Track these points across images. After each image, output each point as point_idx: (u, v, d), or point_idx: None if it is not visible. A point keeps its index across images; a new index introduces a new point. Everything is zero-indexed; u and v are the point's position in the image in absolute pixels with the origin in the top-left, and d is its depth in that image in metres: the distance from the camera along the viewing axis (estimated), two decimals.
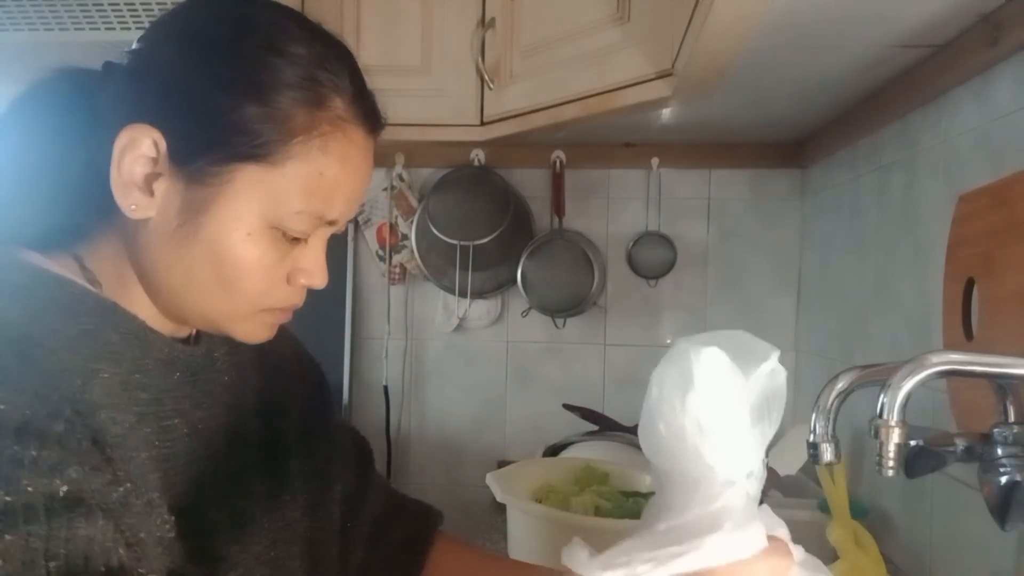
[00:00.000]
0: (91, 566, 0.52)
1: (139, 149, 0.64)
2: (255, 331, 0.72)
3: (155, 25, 0.68)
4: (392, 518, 0.96)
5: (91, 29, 1.59)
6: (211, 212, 0.65)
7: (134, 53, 0.67)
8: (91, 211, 0.68)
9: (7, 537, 0.49)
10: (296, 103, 0.65)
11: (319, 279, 0.71)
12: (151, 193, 0.65)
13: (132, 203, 0.65)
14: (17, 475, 0.51)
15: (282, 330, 0.89)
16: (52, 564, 0.50)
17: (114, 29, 1.58)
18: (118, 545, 0.55)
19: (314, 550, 0.83)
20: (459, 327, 1.98)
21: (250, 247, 0.66)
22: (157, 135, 0.64)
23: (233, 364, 0.79)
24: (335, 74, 0.68)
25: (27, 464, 0.51)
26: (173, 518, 0.62)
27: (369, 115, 0.71)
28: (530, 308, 1.91)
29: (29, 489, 0.51)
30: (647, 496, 1.19)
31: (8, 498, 0.50)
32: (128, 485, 0.58)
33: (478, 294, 1.94)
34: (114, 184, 0.65)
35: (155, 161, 0.65)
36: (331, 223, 0.69)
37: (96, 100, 0.67)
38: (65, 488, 0.53)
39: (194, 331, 0.76)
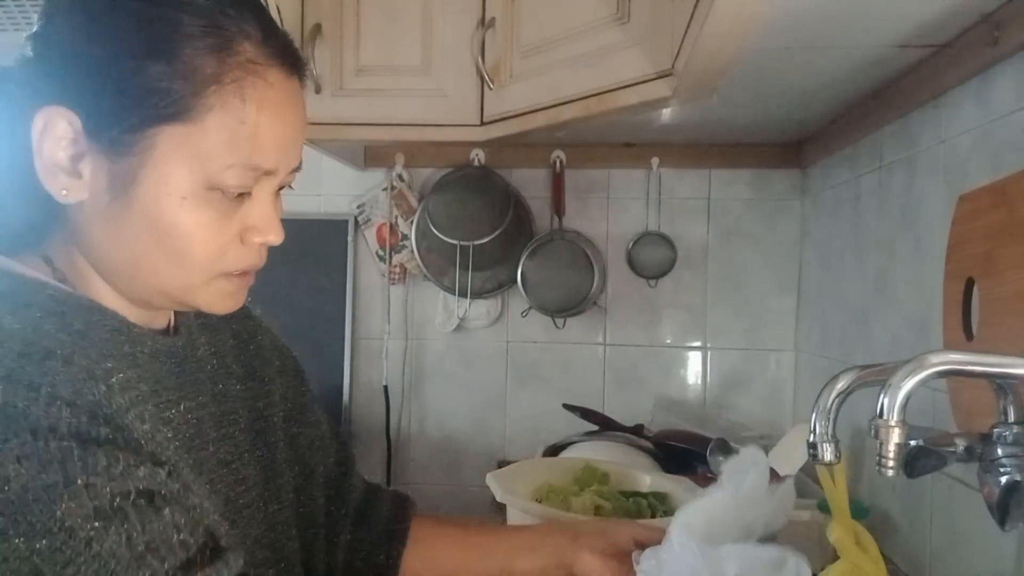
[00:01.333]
0: (190, 542, 0.57)
1: (55, 131, 0.62)
2: (217, 300, 0.69)
3: (47, 3, 0.66)
4: (373, 500, 0.97)
5: None
6: (139, 182, 0.63)
7: (33, 37, 0.65)
8: (38, 209, 0.67)
9: (110, 537, 0.53)
10: (201, 53, 0.62)
11: (273, 234, 0.69)
12: (79, 175, 0.64)
13: (62, 188, 0.64)
14: (94, 481, 0.53)
15: (258, 321, 0.89)
16: (155, 549, 0.54)
17: None
18: (198, 524, 0.59)
19: (303, 533, 0.84)
20: (459, 327, 1.98)
21: (187, 211, 0.64)
22: (69, 114, 0.62)
23: (214, 353, 0.79)
24: (238, 18, 0.64)
25: (100, 471, 0.54)
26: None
27: (283, 55, 0.67)
28: (530, 308, 1.91)
29: (109, 492, 0.54)
30: (647, 496, 1.19)
31: (96, 503, 0.53)
32: (176, 475, 0.61)
33: (478, 294, 1.94)
34: (39, 171, 0.63)
35: (74, 141, 0.63)
36: (268, 173, 0.66)
37: (12, 95, 0.65)
38: (140, 486, 0.56)
39: (172, 322, 0.76)
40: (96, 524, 0.53)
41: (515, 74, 1.50)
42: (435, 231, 1.88)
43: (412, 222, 1.94)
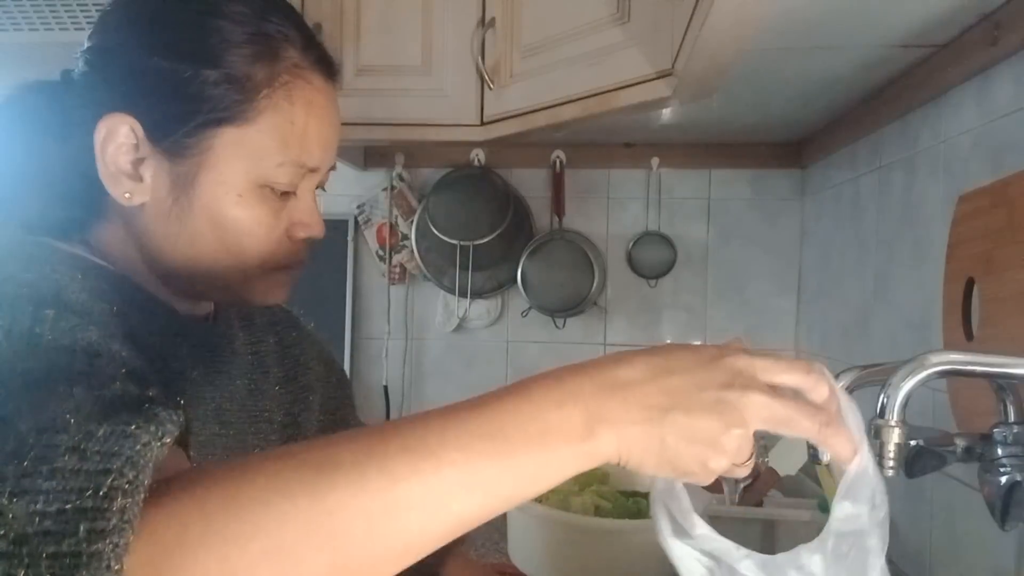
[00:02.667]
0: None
1: (118, 138, 0.66)
2: (271, 291, 0.73)
3: (100, 19, 0.70)
4: None
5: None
6: (199, 182, 0.67)
7: (88, 50, 0.69)
8: (82, 207, 0.70)
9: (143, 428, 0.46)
10: (251, 60, 0.66)
11: (317, 228, 0.73)
12: (140, 178, 0.67)
13: (125, 191, 0.67)
14: (72, 392, 0.47)
15: (305, 330, 0.91)
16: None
17: None
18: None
19: None
20: (459, 327, 1.98)
21: (244, 208, 0.68)
22: (131, 120, 0.66)
23: (254, 351, 0.81)
24: (281, 25, 0.69)
25: (93, 383, 0.49)
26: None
27: (324, 60, 0.72)
28: (530, 308, 1.91)
29: (151, 393, 0.50)
30: (647, 496, 1.19)
31: (71, 403, 0.46)
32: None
33: (478, 294, 1.94)
34: (103, 177, 0.66)
35: (136, 146, 0.66)
36: (313, 170, 0.71)
37: (63, 104, 0.69)
38: (120, 394, 0.50)
39: (211, 313, 0.78)
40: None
41: (515, 74, 1.50)
42: (435, 231, 1.88)
43: (412, 222, 1.94)
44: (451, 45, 1.57)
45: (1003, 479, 0.71)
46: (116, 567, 0.40)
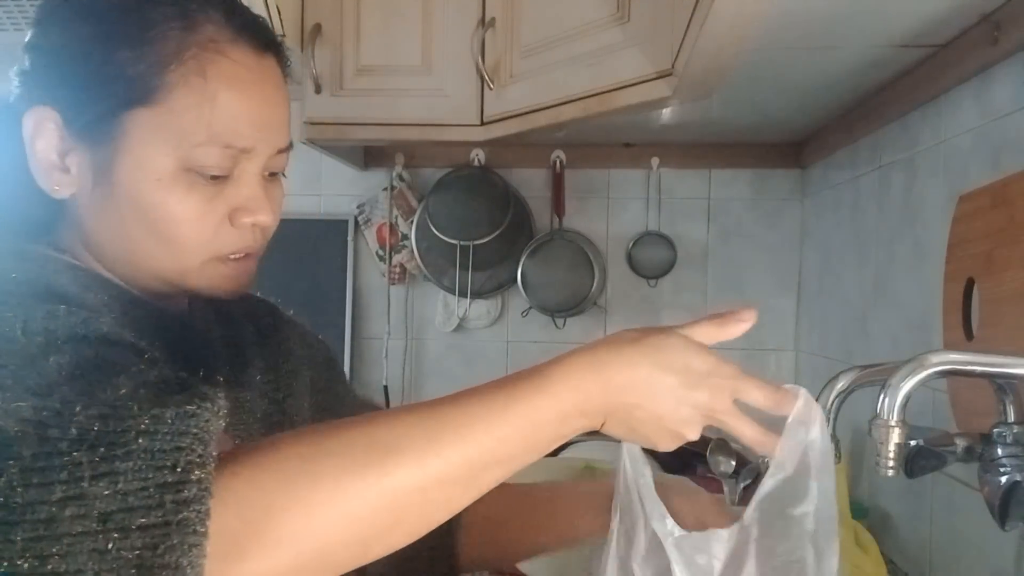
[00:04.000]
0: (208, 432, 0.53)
1: (44, 130, 0.65)
2: (216, 283, 0.70)
3: (36, 12, 0.69)
4: None
5: None
6: (117, 168, 0.65)
7: (25, 46, 0.68)
8: (41, 205, 0.69)
9: (145, 422, 0.49)
10: (163, 35, 0.64)
11: (263, 214, 0.69)
12: (67, 170, 0.66)
13: (55, 184, 0.66)
14: (116, 381, 0.51)
15: (284, 316, 0.90)
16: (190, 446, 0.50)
17: None
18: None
19: None
20: (459, 327, 1.98)
21: (167, 193, 0.65)
22: (51, 111, 0.65)
23: (231, 344, 0.80)
24: (204, 1, 0.66)
25: (132, 371, 0.53)
26: None
27: (250, 33, 0.68)
28: (530, 308, 1.91)
29: (143, 377, 0.53)
30: None
31: (123, 391, 0.51)
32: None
33: (478, 294, 1.94)
34: (34, 171, 0.66)
35: (61, 138, 0.65)
36: (245, 151, 0.66)
37: (8, 103, 0.68)
38: (158, 379, 0.54)
39: (188, 305, 0.76)
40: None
41: (515, 74, 1.50)
42: (435, 231, 1.88)
43: (412, 222, 1.94)
44: (451, 45, 1.57)
45: (1003, 479, 0.71)
46: (202, 530, 0.47)
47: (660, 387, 0.59)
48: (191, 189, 0.65)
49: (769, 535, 0.61)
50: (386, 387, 1.98)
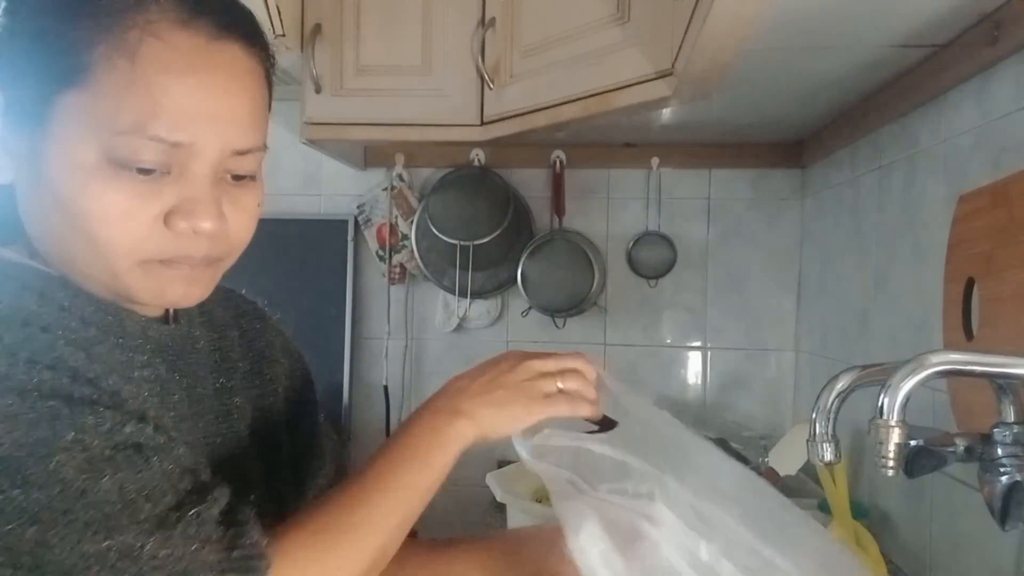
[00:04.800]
0: (179, 487, 0.59)
1: None
2: (158, 289, 0.64)
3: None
4: None
5: None
6: (45, 155, 0.60)
7: None
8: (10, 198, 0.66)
9: (102, 486, 0.54)
10: (92, 14, 0.59)
11: (199, 217, 0.61)
12: (10, 154, 0.63)
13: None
14: (82, 437, 0.55)
15: (270, 322, 0.88)
16: (147, 495, 0.56)
17: None
18: (185, 471, 0.60)
19: None
20: (459, 327, 1.98)
21: (90, 187, 0.59)
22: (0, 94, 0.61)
23: (217, 348, 0.78)
24: None
25: (88, 427, 0.55)
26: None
27: (196, 17, 0.61)
28: (530, 308, 1.91)
29: (99, 444, 0.55)
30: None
31: (87, 454, 0.54)
32: (162, 429, 0.61)
33: (478, 294, 1.94)
34: None
35: (3, 119, 0.62)
36: (182, 147, 0.60)
37: None
38: (128, 440, 0.57)
39: (170, 313, 0.73)
40: (88, 474, 0.54)
41: (515, 74, 1.50)
42: (435, 231, 1.88)
43: (412, 222, 1.94)
44: (451, 45, 1.57)
45: (1003, 479, 0.71)
46: None
47: (477, 369, 0.78)
48: (116, 183, 0.59)
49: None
50: (386, 387, 1.98)
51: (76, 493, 0.53)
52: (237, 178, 0.65)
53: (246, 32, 0.64)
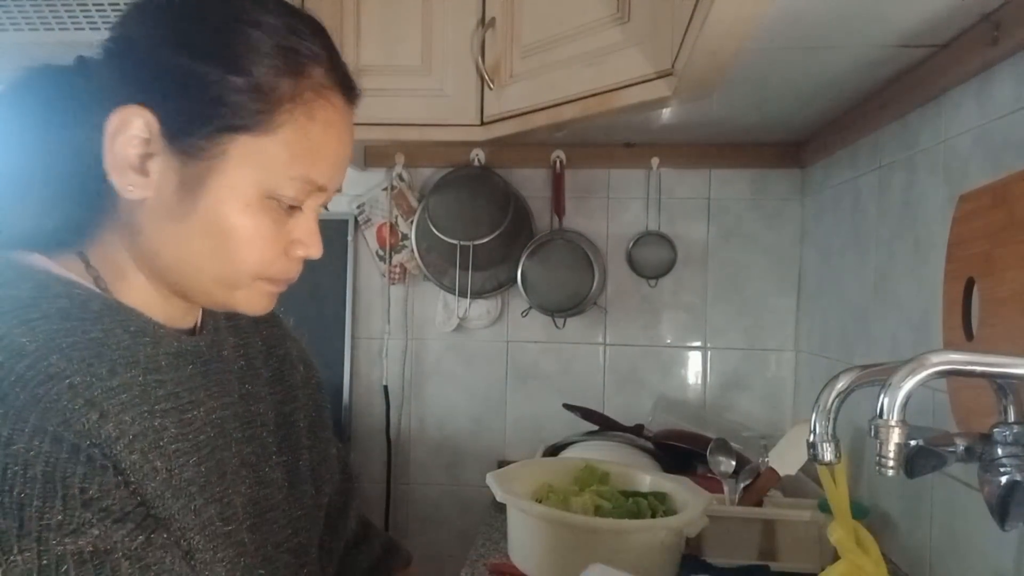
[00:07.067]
0: None
1: (130, 130, 0.65)
2: (256, 300, 0.72)
3: (128, 10, 0.69)
4: (362, 543, 0.99)
5: (91, 29, 1.59)
6: (208, 186, 0.66)
7: (111, 39, 0.68)
8: (87, 206, 0.69)
9: None
10: (277, 72, 0.66)
11: (315, 249, 0.73)
12: (146, 173, 0.66)
13: (128, 184, 0.66)
14: (46, 536, 0.55)
15: (287, 330, 0.91)
16: None
17: None
18: None
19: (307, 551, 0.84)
20: (459, 327, 1.98)
21: (247, 218, 0.67)
22: (148, 114, 0.65)
23: (243, 355, 0.81)
24: (310, 42, 0.69)
25: (54, 526, 0.55)
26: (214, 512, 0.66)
27: (346, 82, 0.73)
28: (530, 308, 1.91)
29: (59, 549, 0.55)
30: (647, 496, 1.19)
31: (44, 561, 0.55)
32: (150, 521, 0.61)
33: (478, 294, 1.94)
34: (108, 167, 0.65)
35: (148, 141, 0.65)
36: (320, 189, 0.70)
37: (74, 92, 0.67)
38: (91, 547, 0.56)
39: (198, 322, 0.77)
40: None
41: (515, 74, 1.50)
42: (435, 231, 1.88)
43: (412, 222, 1.94)
44: (451, 45, 1.57)
45: (1003, 479, 0.71)
46: None
47: None
48: (266, 215, 0.68)
49: None
50: (386, 387, 1.98)
51: None
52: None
53: (358, 93, 0.76)
